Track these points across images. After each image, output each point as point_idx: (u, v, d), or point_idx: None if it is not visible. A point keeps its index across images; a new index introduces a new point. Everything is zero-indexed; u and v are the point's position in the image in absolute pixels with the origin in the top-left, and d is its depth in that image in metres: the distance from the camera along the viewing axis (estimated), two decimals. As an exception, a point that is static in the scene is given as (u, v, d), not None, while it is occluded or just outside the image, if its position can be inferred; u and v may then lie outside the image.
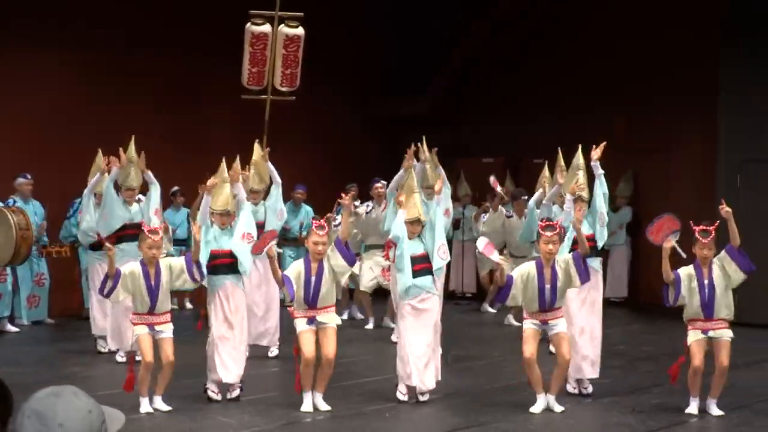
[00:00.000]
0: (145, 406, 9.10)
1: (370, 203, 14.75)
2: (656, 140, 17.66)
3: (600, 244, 10.26)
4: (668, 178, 17.81)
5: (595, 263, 10.15)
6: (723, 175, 15.59)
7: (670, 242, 9.45)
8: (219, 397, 9.68)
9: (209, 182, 9.89)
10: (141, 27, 16.42)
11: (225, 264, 9.79)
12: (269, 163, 11.92)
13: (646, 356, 12.61)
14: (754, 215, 14.93)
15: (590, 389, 10.09)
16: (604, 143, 10.30)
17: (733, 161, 15.49)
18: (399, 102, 19.82)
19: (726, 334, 9.12)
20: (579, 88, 18.34)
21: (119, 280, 9.19)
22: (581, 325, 10.05)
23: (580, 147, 10.42)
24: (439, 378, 9.86)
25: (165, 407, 9.19)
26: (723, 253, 9.19)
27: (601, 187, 10.14)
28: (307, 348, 9.17)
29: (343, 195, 10.36)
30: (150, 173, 11.71)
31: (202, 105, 17.34)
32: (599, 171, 10.14)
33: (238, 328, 9.82)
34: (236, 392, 9.74)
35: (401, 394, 9.67)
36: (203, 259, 9.58)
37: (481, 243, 9.96)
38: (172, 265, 9.36)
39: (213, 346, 9.71)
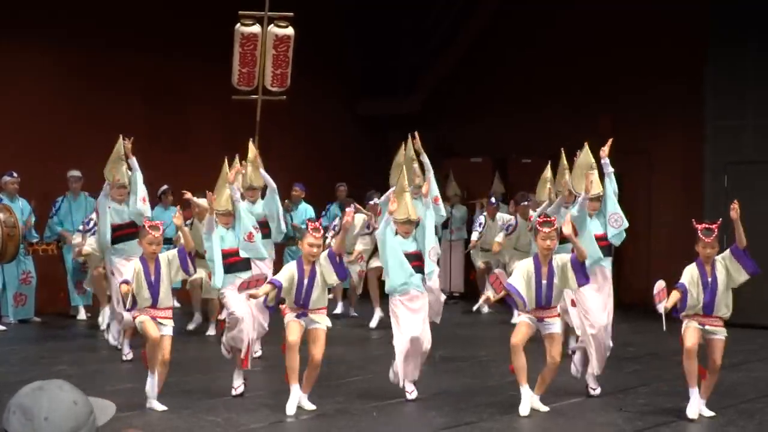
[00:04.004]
0: (151, 385, 9.15)
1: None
2: (641, 140, 17.73)
3: (617, 242, 10.22)
4: (653, 178, 17.89)
5: (606, 263, 10.15)
6: (710, 176, 15.65)
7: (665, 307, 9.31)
8: (230, 356, 9.78)
9: (207, 198, 10.02)
10: (126, 27, 16.42)
11: (238, 261, 10.00)
12: (262, 170, 11.87)
13: (632, 356, 12.65)
14: (742, 217, 14.99)
15: (598, 390, 10.09)
16: (611, 139, 10.28)
17: (719, 163, 15.55)
18: (388, 102, 19.86)
19: (721, 332, 9.13)
20: (565, 89, 18.43)
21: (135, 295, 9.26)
22: (599, 324, 10.04)
23: (586, 144, 10.38)
24: (416, 378, 9.82)
25: (161, 407, 9.18)
26: (728, 252, 9.14)
27: (611, 185, 10.12)
28: (292, 335, 9.12)
29: (348, 213, 10.23)
30: (134, 159, 11.63)
31: (187, 105, 17.36)
32: (609, 169, 10.10)
33: (254, 313, 10.00)
34: (241, 389, 9.83)
35: (408, 393, 9.71)
36: (216, 258, 9.83)
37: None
38: (170, 258, 9.37)
39: (238, 323, 9.78)
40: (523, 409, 9.18)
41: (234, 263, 10.00)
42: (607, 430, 8.84)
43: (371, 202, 14.44)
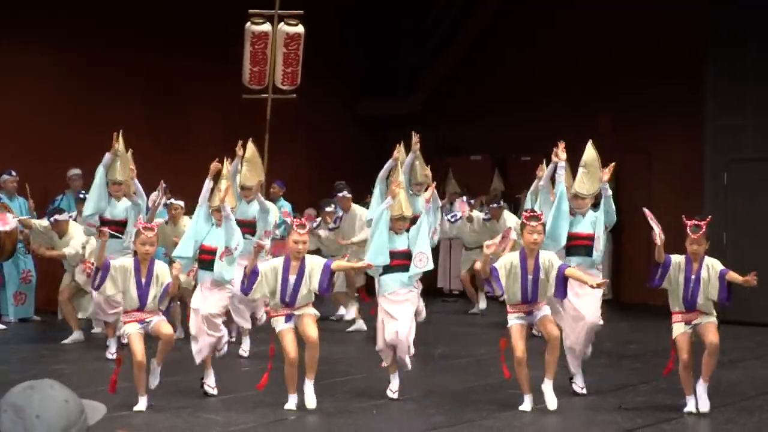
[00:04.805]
0: (141, 405, 9.07)
1: (317, 221, 14.84)
2: (641, 140, 17.74)
3: (596, 260, 10.18)
4: (653, 178, 17.89)
5: (592, 268, 10.13)
6: (710, 176, 15.66)
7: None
8: (215, 392, 9.71)
9: (213, 166, 9.87)
10: (126, 27, 16.43)
11: (211, 261, 9.86)
12: (259, 194, 11.89)
13: (632, 354, 12.66)
14: (741, 214, 15.03)
15: (584, 390, 10.09)
16: (612, 164, 10.24)
17: (719, 163, 15.56)
18: (388, 102, 19.87)
19: (709, 318, 9.15)
20: (565, 89, 18.43)
21: (108, 273, 9.16)
22: (581, 323, 10.04)
23: (590, 142, 10.38)
24: (409, 367, 9.79)
25: (155, 379, 9.21)
26: (720, 270, 9.13)
27: (606, 206, 10.09)
28: (290, 348, 9.10)
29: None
30: (137, 182, 11.61)
31: (187, 105, 17.36)
32: (608, 192, 10.10)
33: (218, 318, 9.96)
34: (224, 350, 9.93)
35: (391, 392, 9.69)
36: (191, 248, 9.82)
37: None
38: (161, 278, 9.19)
39: (198, 330, 9.81)
40: (526, 406, 9.20)
41: (211, 261, 9.87)
42: (607, 428, 8.84)
43: (340, 195, 14.41)
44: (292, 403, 9.19)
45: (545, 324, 9.29)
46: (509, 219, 15.01)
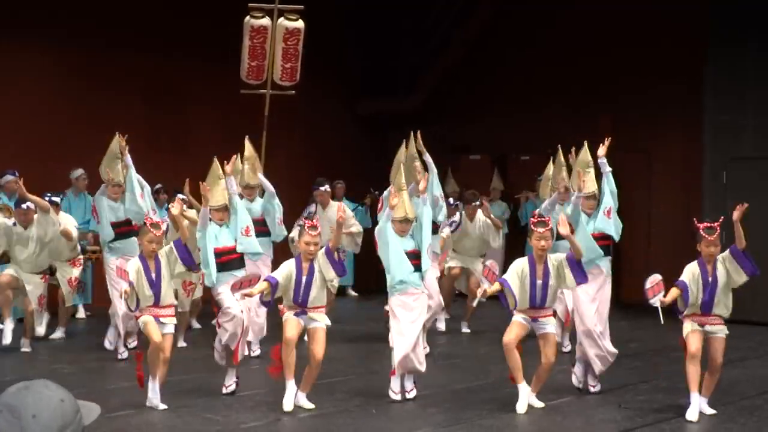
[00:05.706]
0: (154, 391, 9.08)
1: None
2: (641, 140, 17.74)
3: (616, 235, 10.20)
4: (653, 178, 17.89)
5: (603, 262, 10.16)
6: (709, 176, 15.66)
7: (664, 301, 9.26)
8: (224, 363, 9.72)
9: (202, 189, 9.83)
10: (126, 27, 16.42)
11: (233, 259, 9.91)
12: (260, 174, 11.87)
13: (632, 353, 12.66)
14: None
15: (598, 387, 10.10)
16: (608, 138, 10.28)
17: (719, 162, 15.56)
18: (388, 102, 19.87)
19: (722, 331, 9.13)
20: (565, 89, 18.43)
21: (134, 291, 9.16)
22: (589, 326, 10.06)
23: (585, 143, 10.44)
24: (421, 368, 9.80)
25: (161, 406, 9.13)
26: (727, 253, 9.16)
27: (609, 185, 10.12)
28: (290, 331, 9.12)
29: (340, 208, 10.09)
30: (128, 157, 11.50)
31: (187, 105, 17.36)
32: (607, 168, 10.10)
33: (245, 313, 9.95)
34: (233, 387, 9.81)
35: (393, 393, 9.67)
36: (210, 257, 9.71)
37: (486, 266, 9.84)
38: (167, 252, 9.33)
39: (233, 320, 9.70)
40: (521, 407, 9.18)
41: (228, 261, 9.91)
42: (607, 427, 8.84)
43: (321, 188, 14.29)
44: (290, 390, 9.15)
45: (546, 345, 9.27)
46: (476, 225, 14.84)
